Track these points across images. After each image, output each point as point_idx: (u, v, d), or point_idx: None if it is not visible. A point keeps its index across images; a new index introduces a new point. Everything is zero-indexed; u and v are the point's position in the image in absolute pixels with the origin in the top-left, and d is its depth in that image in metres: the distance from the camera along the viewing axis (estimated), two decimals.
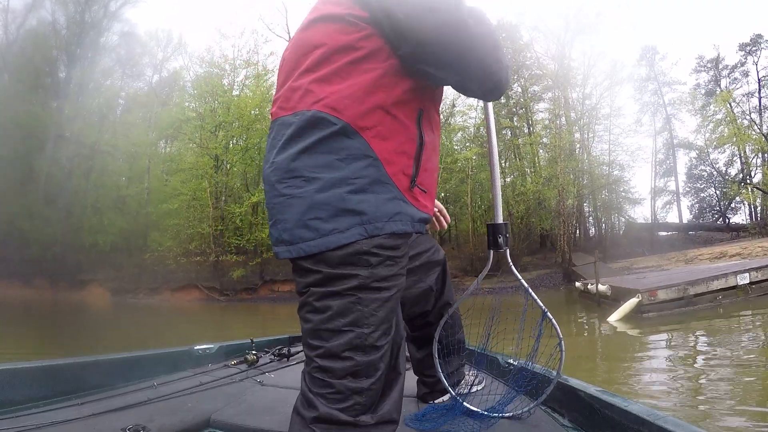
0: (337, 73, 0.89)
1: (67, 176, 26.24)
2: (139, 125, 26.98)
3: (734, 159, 29.09)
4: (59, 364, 1.63)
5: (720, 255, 17.31)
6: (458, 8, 0.84)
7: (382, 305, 0.88)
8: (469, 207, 23.01)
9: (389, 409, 0.91)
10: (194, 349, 2.27)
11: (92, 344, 8.26)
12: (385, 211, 0.88)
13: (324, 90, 0.89)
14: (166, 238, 23.27)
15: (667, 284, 9.24)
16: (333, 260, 0.86)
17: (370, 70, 0.88)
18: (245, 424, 1.41)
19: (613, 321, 8.73)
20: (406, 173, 0.91)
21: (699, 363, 5.62)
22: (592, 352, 7.20)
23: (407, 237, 0.93)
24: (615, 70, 24.26)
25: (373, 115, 0.88)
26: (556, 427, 1.34)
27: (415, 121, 0.92)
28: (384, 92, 0.88)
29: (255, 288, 22.32)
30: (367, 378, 0.87)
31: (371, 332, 0.87)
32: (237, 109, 23.91)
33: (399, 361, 0.98)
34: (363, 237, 0.85)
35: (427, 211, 0.97)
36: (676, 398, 4.32)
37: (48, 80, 26.97)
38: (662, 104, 30.19)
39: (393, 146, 0.90)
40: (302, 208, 0.87)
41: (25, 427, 1.24)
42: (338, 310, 0.86)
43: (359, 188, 0.86)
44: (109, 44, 29.30)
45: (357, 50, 0.88)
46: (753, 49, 27.82)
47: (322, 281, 0.87)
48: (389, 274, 0.89)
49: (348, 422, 0.85)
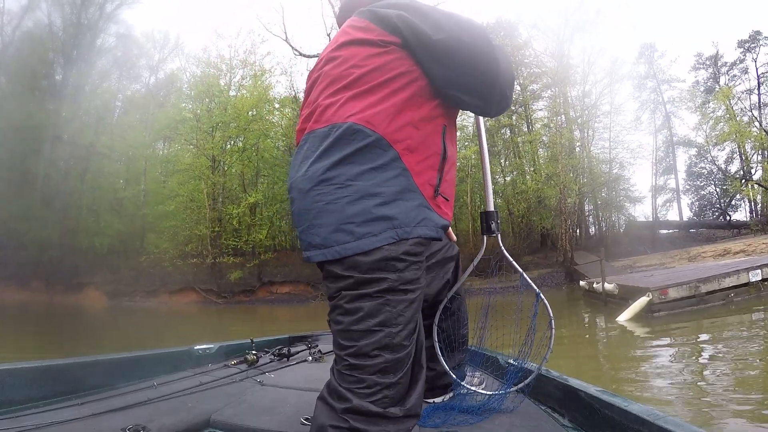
0: (371, 91, 0.98)
1: (63, 178, 26.25)
2: (136, 127, 26.98)
3: (734, 156, 29.31)
4: (59, 364, 1.64)
5: (724, 252, 17.29)
6: (490, 42, 0.98)
7: (409, 306, 0.95)
8: (468, 206, 23.04)
9: (415, 402, 0.97)
10: (194, 349, 2.28)
11: (90, 346, 8.25)
12: (413, 216, 0.96)
13: (358, 105, 0.98)
14: (162, 240, 23.23)
15: (677, 282, 9.01)
16: (364, 266, 0.92)
17: (401, 90, 0.98)
18: (245, 424, 1.42)
19: (622, 321, 8.57)
20: (431, 183, 1.01)
21: (713, 364, 5.45)
22: (600, 354, 7.05)
23: (429, 242, 1.01)
24: (615, 67, 24.36)
25: (403, 130, 0.97)
26: (556, 427, 1.35)
27: (440, 136, 1.03)
28: (413, 110, 0.99)
29: (253, 290, 22.27)
30: (394, 374, 0.93)
31: (399, 331, 0.93)
32: (234, 110, 23.89)
33: (422, 355, 1.04)
34: (394, 240, 0.93)
35: (447, 218, 1.07)
36: (690, 402, 4.19)
37: (44, 82, 26.98)
38: (661, 102, 30.30)
39: (420, 158, 0.99)
40: (339, 214, 0.93)
41: (25, 427, 1.24)
42: (369, 312, 0.92)
43: (391, 196, 0.94)
44: (105, 46, 29.41)
45: (390, 71, 0.98)
46: (752, 46, 27.97)
47: (354, 285, 0.93)
48: (414, 278, 0.96)
49: (378, 413, 0.90)
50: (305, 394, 1.81)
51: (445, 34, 0.95)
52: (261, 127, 23.56)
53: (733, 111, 26.04)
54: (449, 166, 1.06)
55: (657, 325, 8.04)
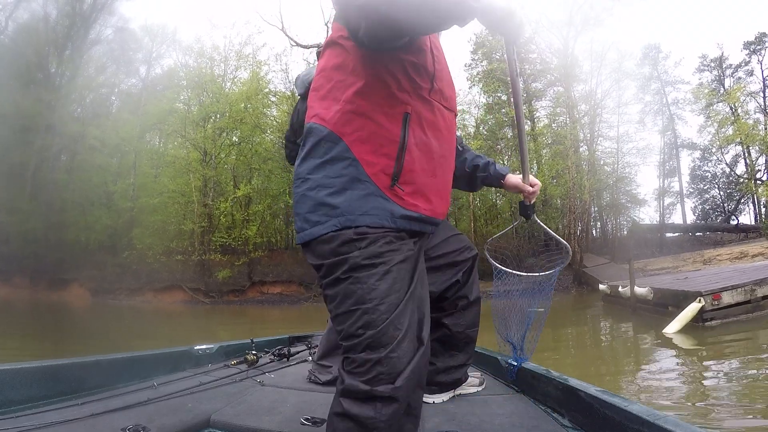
0: (330, 90, 1.07)
1: (51, 170, 26.22)
2: (128, 119, 26.84)
3: (738, 159, 29.58)
4: (59, 364, 1.67)
5: (741, 255, 16.94)
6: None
7: (382, 278, 0.99)
8: (470, 205, 23.07)
9: (406, 382, 0.97)
10: (194, 349, 2.33)
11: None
12: (358, 206, 1.01)
13: (319, 104, 1.09)
14: (146, 235, 22.86)
15: (731, 285, 7.85)
16: (326, 253, 1.02)
17: (353, 83, 1.03)
18: (245, 424, 1.46)
19: (671, 332, 7.29)
20: (386, 173, 1.03)
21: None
22: (663, 383, 4.98)
23: (391, 230, 1.03)
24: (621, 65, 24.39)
25: (354, 121, 1.02)
26: (556, 427, 1.39)
27: (399, 124, 1.03)
28: (365, 101, 1.02)
29: (242, 290, 21.90)
30: (384, 347, 0.96)
31: (376, 305, 0.98)
32: (226, 99, 23.62)
33: (422, 331, 1.06)
34: (337, 228, 1.00)
35: (416, 209, 1.07)
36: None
37: (39, 75, 26.86)
38: (665, 104, 30.43)
39: (372, 148, 1.02)
40: (303, 204, 1.06)
41: (25, 427, 1.28)
42: (344, 293, 1.00)
43: (339, 186, 1.02)
44: (101, 38, 29.47)
45: (346, 66, 1.04)
46: (757, 48, 28.09)
47: (326, 272, 1.03)
48: (380, 251, 1.00)
49: (366, 392, 0.95)
50: (305, 394, 1.86)
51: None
52: (255, 120, 23.37)
53: (738, 114, 26.20)
54: (416, 154, 1.05)
55: (709, 336, 6.88)
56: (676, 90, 30.69)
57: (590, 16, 22.06)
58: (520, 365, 1.88)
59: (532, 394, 1.75)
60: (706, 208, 33.19)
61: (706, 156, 32.14)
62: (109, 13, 29.30)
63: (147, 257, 22.17)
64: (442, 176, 1.14)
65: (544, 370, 1.71)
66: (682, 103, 30.36)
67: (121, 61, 29.76)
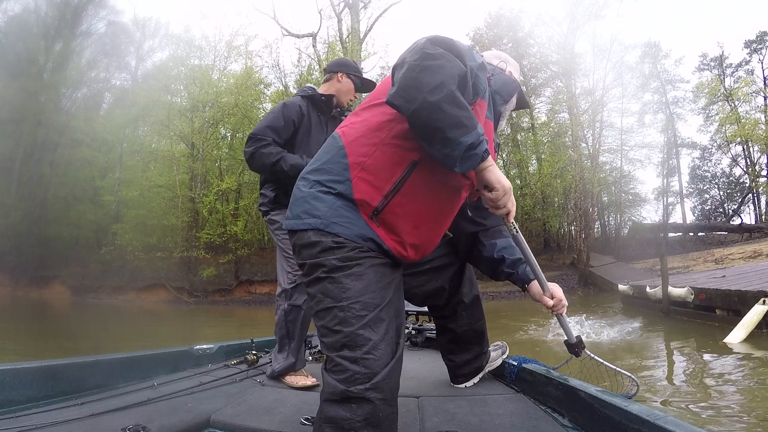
0: (365, 109, 1.22)
1: (36, 164, 26.09)
2: (115, 113, 26.63)
3: (738, 159, 29.91)
4: (59, 364, 1.71)
5: (754, 254, 16.64)
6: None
7: (357, 278, 1.08)
8: None
9: (381, 384, 1.02)
10: (194, 349, 2.38)
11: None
12: (333, 213, 1.11)
13: (349, 119, 1.24)
14: (127, 231, 22.49)
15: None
16: (308, 255, 1.12)
17: (384, 114, 1.15)
18: (245, 424, 1.51)
19: (736, 341, 6.24)
20: (371, 204, 1.12)
21: None
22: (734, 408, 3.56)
23: (363, 245, 1.12)
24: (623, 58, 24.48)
25: (364, 146, 1.14)
26: (556, 427, 1.44)
27: (404, 169, 1.13)
28: (385, 133, 1.13)
29: (229, 289, 21.56)
30: (359, 348, 1.03)
31: (350, 303, 1.06)
32: (214, 89, 23.36)
33: (400, 340, 1.14)
34: (311, 228, 1.11)
35: (388, 244, 1.15)
36: None
37: (29, 67, 26.63)
38: (665, 102, 30.65)
39: (369, 178, 1.12)
40: (294, 195, 1.21)
41: (25, 427, 1.32)
42: (322, 292, 1.09)
43: (326, 193, 1.13)
44: (92, 31, 29.48)
45: (387, 109, 1.14)
46: (758, 47, 28.30)
47: (307, 272, 1.14)
48: (357, 256, 1.10)
49: (342, 391, 1.01)
50: (305, 394, 1.93)
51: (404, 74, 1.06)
52: (244, 112, 23.10)
53: (737, 113, 26.52)
54: (408, 201, 1.14)
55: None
56: (676, 89, 30.98)
57: (591, 12, 22.08)
58: (520, 365, 1.96)
59: (532, 394, 1.79)
60: (706, 208, 33.54)
61: (705, 156, 32.53)
62: (99, 6, 29.25)
63: (128, 254, 21.83)
64: (426, 232, 1.23)
65: (544, 370, 1.77)
66: (682, 101, 30.71)
67: (113, 55, 29.72)
